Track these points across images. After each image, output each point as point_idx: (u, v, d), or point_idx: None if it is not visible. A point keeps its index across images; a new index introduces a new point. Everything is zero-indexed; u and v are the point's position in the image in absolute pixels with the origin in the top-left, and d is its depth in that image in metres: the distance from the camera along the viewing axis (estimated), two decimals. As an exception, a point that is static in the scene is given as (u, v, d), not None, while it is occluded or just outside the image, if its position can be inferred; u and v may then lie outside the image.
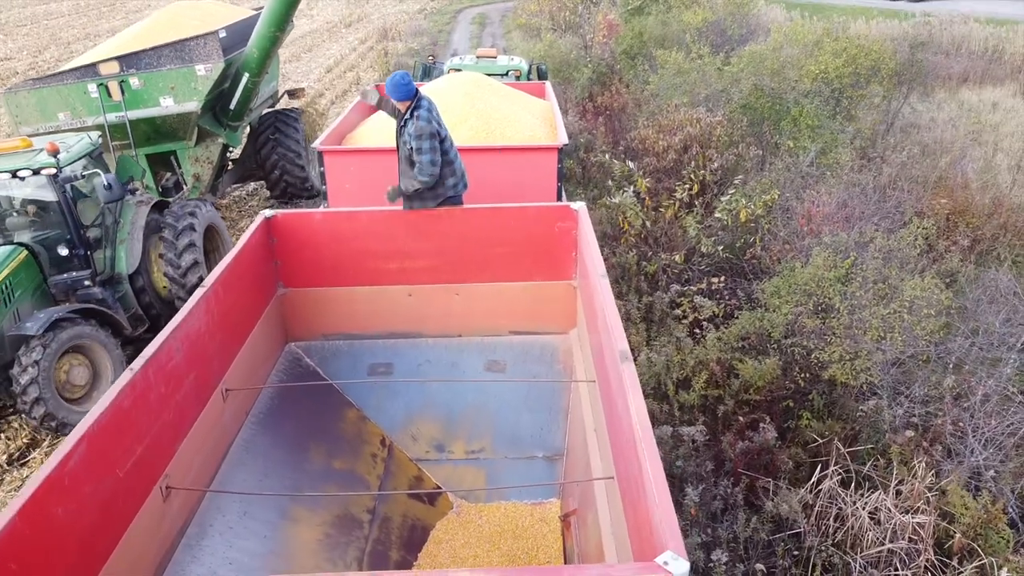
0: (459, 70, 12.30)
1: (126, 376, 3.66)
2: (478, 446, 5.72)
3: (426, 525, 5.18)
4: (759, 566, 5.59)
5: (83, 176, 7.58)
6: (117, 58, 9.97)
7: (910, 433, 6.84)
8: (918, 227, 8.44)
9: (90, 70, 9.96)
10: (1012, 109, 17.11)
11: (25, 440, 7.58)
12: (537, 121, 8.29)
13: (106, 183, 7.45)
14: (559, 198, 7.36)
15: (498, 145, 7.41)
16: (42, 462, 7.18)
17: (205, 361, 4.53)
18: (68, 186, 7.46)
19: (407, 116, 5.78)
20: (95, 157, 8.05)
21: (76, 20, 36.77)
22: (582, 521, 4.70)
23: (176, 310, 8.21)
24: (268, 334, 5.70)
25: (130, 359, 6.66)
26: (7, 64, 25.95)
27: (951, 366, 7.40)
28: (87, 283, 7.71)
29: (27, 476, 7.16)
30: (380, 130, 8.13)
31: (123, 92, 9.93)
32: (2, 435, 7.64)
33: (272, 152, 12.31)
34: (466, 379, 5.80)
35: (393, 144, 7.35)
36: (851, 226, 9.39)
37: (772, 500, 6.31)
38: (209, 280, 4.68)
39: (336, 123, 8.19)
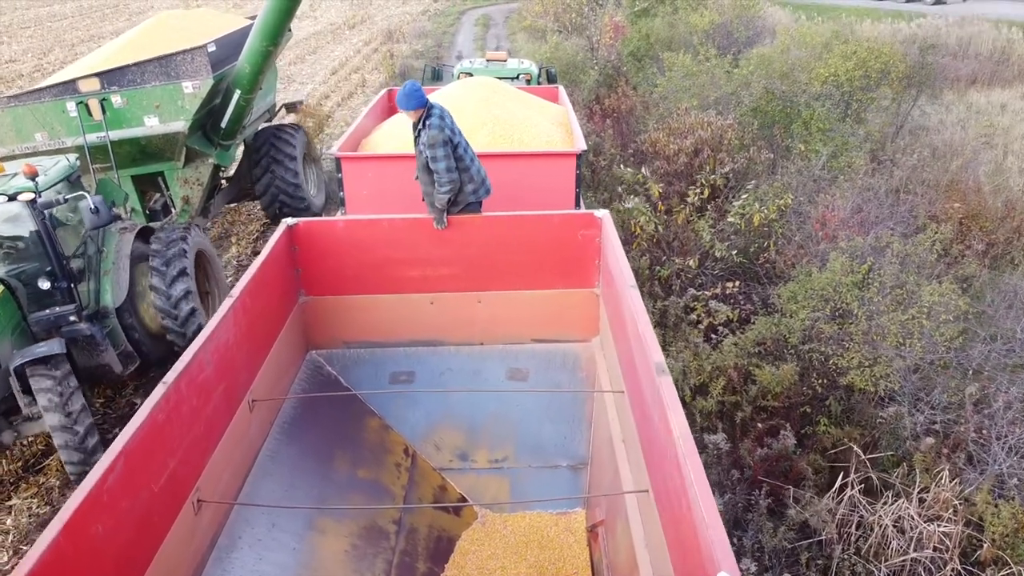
0: (469, 73, 12.30)
1: (160, 390, 3.64)
2: (501, 455, 5.69)
3: (452, 536, 5.15)
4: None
5: (65, 201, 6.85)
6: (98, 74, 9.18)
7: (931, 440, 6.81)
8: (935, 232, 8.42)
9: (69, 87, 9.17)
10: (1021, 111, 17.07)
11: (41, 447, 7.56)
12: (553, 126, 8.27)
13: (92, 206, 6.74)
14: (577, 204, 7.34)
15: (516, 151, 7.38)
16: (58, 469, 7.17)
17: (234, 372, 4.51)
18: (47, 213, 6.76)
19: (420, 126, 5.76)
20: (73, 181, 7.37)
21: (80, 22, 36.77)
22: (610, 532, 4.67)
23: (168, 346, 7.96)
24: (290, 343, 5.68)
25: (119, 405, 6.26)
26: (12, 67, 25.94)
27: (970, 372, 7.38)
28: (72, 318, 6.95)
29: (42, 482, 7.14)
30: (396, 135, 8.10)
31: (104, 111, 9.17)
32: (17, 441, 7.62)
33: (267, 171, 11.46)
34: (489, 388, 5.77)
35: (411, 149, 7.40)
36: (866, 231, 9.37)
37: (795, 507, 6.29)
38: (236, 289, 4.65)
39: (352, 128, 8.16)
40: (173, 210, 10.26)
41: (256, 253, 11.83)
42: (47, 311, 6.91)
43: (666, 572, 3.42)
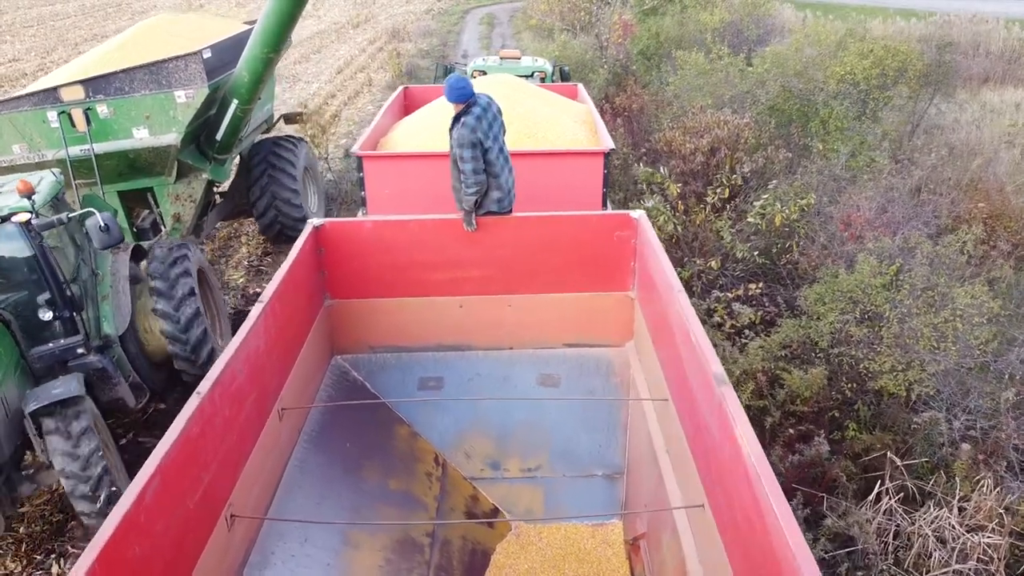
0: (483, 71, 12.13)
1: (194, 401, 3.46)
2: (534, 463, 5.52)
3: (486, 548, 4.98)
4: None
5: (68, 220, 6.25)
6: (82, 82, 8.36)
7: (967, 446, 6.65)
8: (967, 233, 8.25)
9: (50, 95, 8.36)
10: (1037, 110, 16.91)
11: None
12: (577, 125, 8.10)
13: (102, 224, 6.08)
14: (604, 204, 7.16)
15: (543, 150, 7.22)
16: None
17: (264, 380, 4.33)
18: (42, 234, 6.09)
19: (457, 121, 5.58)
20: (60, 199, 6.76)
21: (83, 21, 36.61)
22: (654, 546, 4.50)
23: (172, 374, 7.40)
24: (316, 348, 5.50)
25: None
26: (16, 65, 25.77)
27: (1006, 376, 7.20)
28: (80, 351, 6.32)
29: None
30: (415, 133, 7.93)
31: (89, 122, 8.35)
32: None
33: (265, 188, 10.61)
34: (520, 394, 5.60)
35: (431, 147, 7.23)
36: (892, 231, 9.20)
37: (832, 516, 6.12)
38: (266, 295, 4.48)
39: (371, 127, 7.99)
40: (163, 228, 9.55)
41: (267, 254, 11.64)
42: (49, 345, 6.25)
43: (729, 592, 3.24)
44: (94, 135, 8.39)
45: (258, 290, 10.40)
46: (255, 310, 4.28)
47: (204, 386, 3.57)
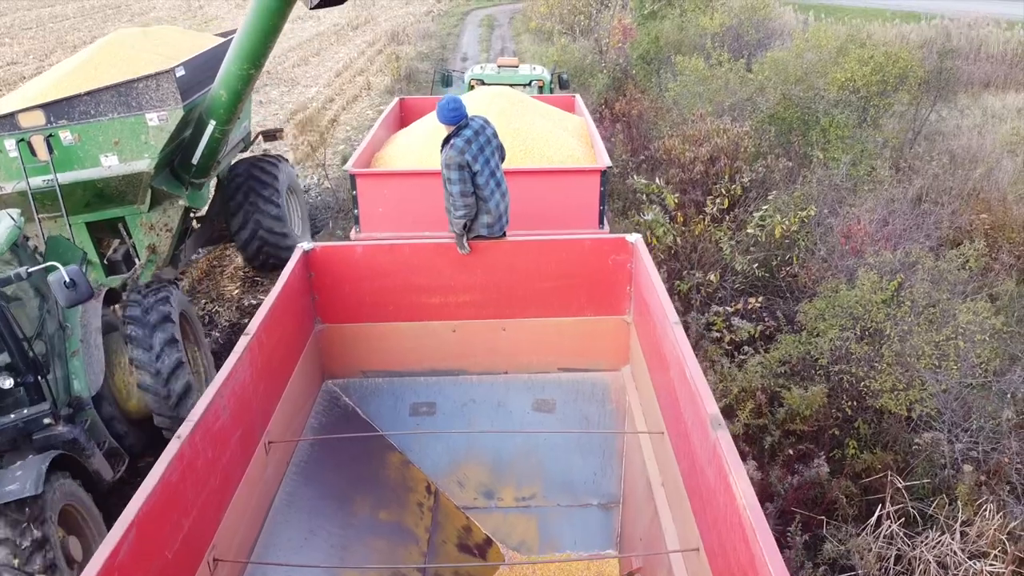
0: (481, 80, 12.02)
1: (174, 445, 3.37)
2: (529, 492, 5.43)
3: (479, 582, 4.89)
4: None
5: (28, 275, 5.37)
6: (42, 106, 7.61)
7: (969, 468, 6.55)
8: (969, 249, 8.15)
9: (7, 122, 7.55)
10: (1040, 116, 16.80)
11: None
12: (574, 140, 8.00)
13: (67, 280, 5.18)
14: (601, 222, 7.07)
15: (539, 168, 7.12)
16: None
17: (250, 414, 4.24)
18: None
19: (446, 142, 5.49)
20: (20, 244, 5.95)
21: (82, 23, 36.54)
22: (650, 582, 4.40)
23: (153, 432, 6.58)
24: (306, 374, 5.42)
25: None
26: (14, 68, 25.70)
27: (1008, 396, 7.11)
28: (47, 421, 5.55)
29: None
30: (411, 148, 7.83)
31: (51, 150, 7.55)
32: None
33: (248, 215, 9.91)
34: (514, 422, 5.51)
35: (426, 164, 7.13)
36: (892, 244, 9.10)
37: (832, 541, 6.03)
38: (253, 324, 4.38)
39: (364, 142, 7.89)
40: (137, 261, 8.77)
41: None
42: (11, 416, 5.48)
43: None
44: (58, 164, 7.61)
45: (253, 302, 10.30)
46: (241, 343, 4.19)
47: (184, 429, 3.48)
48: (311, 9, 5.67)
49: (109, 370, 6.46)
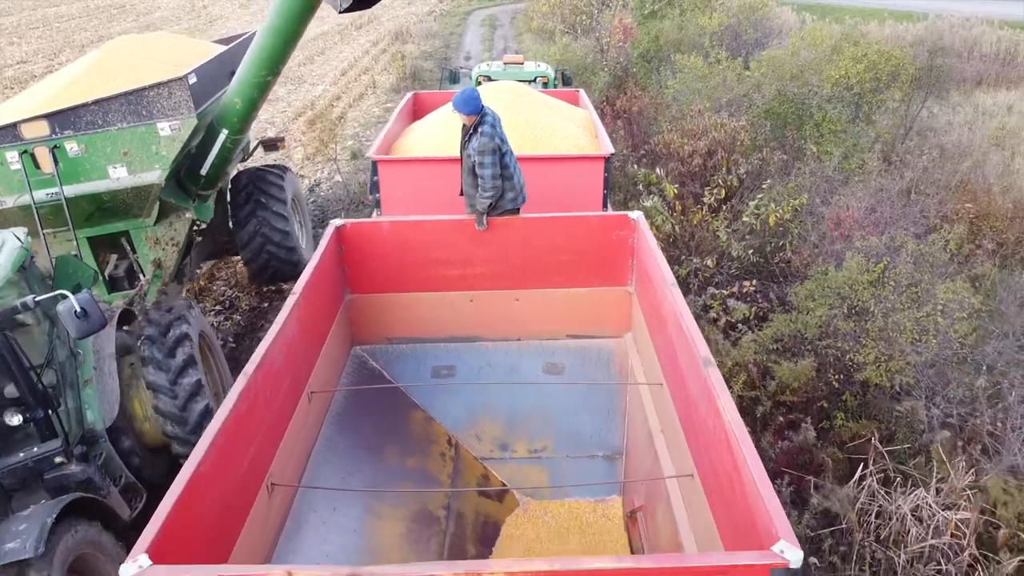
0: (488, 77, 12.57)
1: (241, 381, 3.91)
2: (540, 445, 5.97)
3: (496, 521, 5.44)
4: (813, 560, 5.83)
5: (36, 305, 5.00)
6: (47, 116, 7.19)
7: (947, 433, 7.07)
8: (949, 233, 8.68)
9: (9, 133, 7.15)
10: (1028, 113, 17.32)
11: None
12: (580, 130, 8.54)
13: (78, 309, 4.79)
14: (605, 206, 7.60)
15: (547, 155, 7.65)
16: None
17: (296, 365, 4.78)
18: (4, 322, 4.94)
19: (472, 131, 6.03)
20: (27, 267, 5.47)
21: (88, 23, 37.01)
22: (650, 516, 4.94)
23: (170, 460, 6.25)
24: (338, 339, 5.95)
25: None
26: (24, 67, 26.17)
27: (984, 368, 7.63)
28: (59, 460, 5.19)
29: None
30: (426, 137, 8.37)
31: (57, 161, 7.17)
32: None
33: (256, 230, 9.50)
34: (527, 382, 6.05)
35: (442, 152, 7.68)
36: (880, 231, 9.63)
37: (817, 496, 6.55)
38: (297, 287, 4.93)
39: (384, 132, 8.43)
40: (142, 276, 8.38)
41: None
42: (20, 455, 5.11)
43: (714, 549, 3.68)
44: (63, 176, 7.23)
45: (272, 288, 10.82)
46: (289, 301, 4.74)
47: (249, 368, 4.02)
48: (340, 12, 5.64)
49: (124, 394, 6.05)
